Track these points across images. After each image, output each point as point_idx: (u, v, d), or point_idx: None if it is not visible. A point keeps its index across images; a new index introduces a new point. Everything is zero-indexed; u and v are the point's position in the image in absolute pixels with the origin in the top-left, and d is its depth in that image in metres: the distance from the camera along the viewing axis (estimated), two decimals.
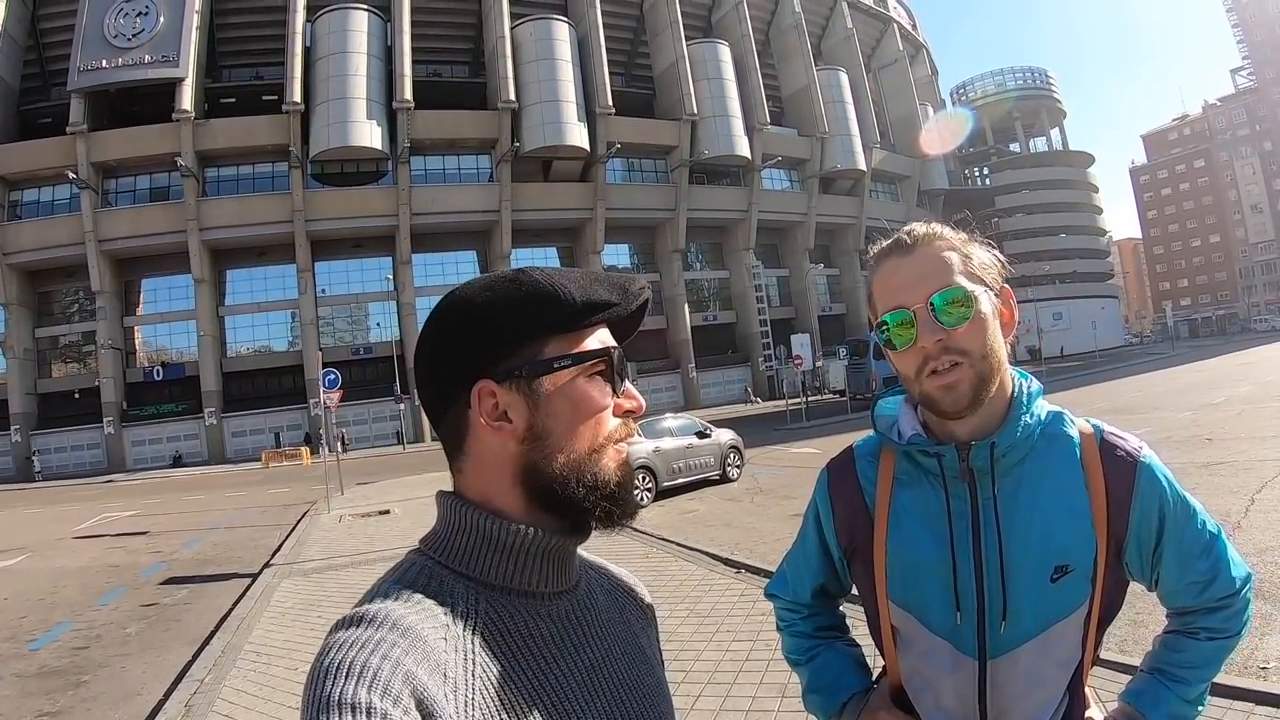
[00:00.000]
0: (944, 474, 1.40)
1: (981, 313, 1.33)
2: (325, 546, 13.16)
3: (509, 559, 0.93)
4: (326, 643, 0.79)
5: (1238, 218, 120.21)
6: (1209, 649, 1.41)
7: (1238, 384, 24.53)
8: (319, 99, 46.98)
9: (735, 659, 5.79)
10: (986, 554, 1.35)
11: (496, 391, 0.94)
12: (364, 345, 51.08)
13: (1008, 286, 1.42)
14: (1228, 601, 1.40)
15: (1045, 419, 1.41)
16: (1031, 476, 1.37)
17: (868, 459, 1.54)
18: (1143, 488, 1.35)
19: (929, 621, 1.41)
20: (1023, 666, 1.35)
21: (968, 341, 1.31)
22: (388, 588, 0.89)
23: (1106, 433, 1.41)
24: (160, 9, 45.66)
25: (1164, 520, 1.36)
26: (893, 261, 1.39)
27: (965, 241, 1.40)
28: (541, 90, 50.31)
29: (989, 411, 1.37)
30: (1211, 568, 1.39)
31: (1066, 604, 1.34)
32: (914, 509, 1.43)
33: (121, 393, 46.54)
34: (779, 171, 61.54)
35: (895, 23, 73.60)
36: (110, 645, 8.35)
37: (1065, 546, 1.33)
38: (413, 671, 0.76)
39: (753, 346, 58.19)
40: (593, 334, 0.97)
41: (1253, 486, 9.66)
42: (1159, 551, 1.37)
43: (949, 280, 1.32)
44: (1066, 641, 1.36)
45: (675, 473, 16.03)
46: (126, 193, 47.54)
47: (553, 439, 0.93)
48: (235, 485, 29.45)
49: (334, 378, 20.00)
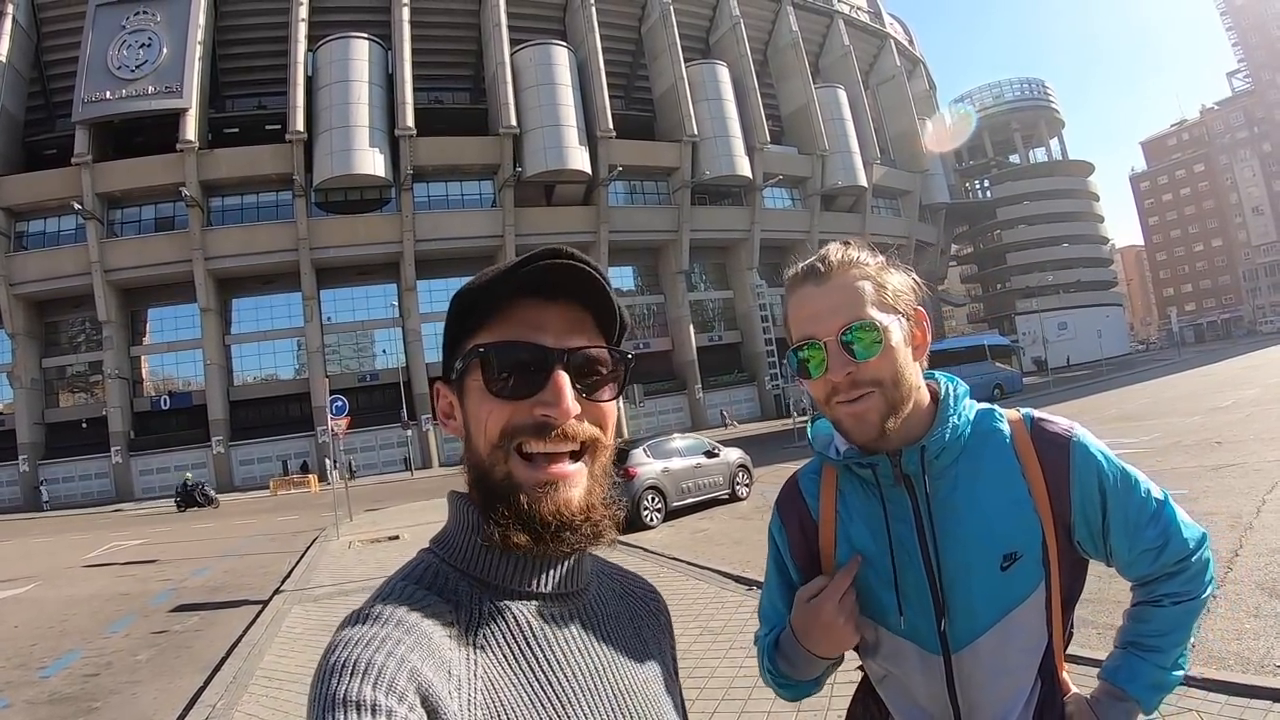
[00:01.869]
0: (879, 482, 1.43)
1: (891, 344, 1.35)
2: (335, 572, 13.15)
3: (511, 560, 0.93)
4: (334, 640, 0.79)
5: (1239, 220, 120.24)
6: (1176, 613, 1.43)
7: (1244, 387, 24.50)
8: (321, 127, 47.31)
9: (749, 674, 5.76)
10: (933, 552, 1.39)
11: (446, 391, 0.99)
12: (370, 372, 51.10)
13: (920, 309, 1.43)
14: (1184, 564, 1.42)
15: (974, 418, 1.45)
16: (966, 473, 1.40)
17: (810, 478, 1.57)
18: (1078, 465, 1.38)
19: (888, 624, 1.43)
20: (986, 657, 1.37)
21: (877, 372, 1.34)
22: (396, 585, 0.91)
23: (1036, 419, 1.45)
24: (163, 40, 46.15)
25: (1105, 494, 1.38)
26: (807, 289, 1.40)
27: (880, 268, 1.41)
28: (542, 115, 50.62)
29: (915, 418, 1.41)
30: (1161, 533, 1.40)
31: (1020, 590, 1.36)
32: (857, 518, 1.47)
33: (129, 422, 46.59)
34: (780, 190, 61.81)
35: (892, 38, 73.90)
36: (121, 672, 8.33)
37: (1010, 534, 1.35)
38: (418, 668, 0.77)
39: (759, 366, 57.87)
40: (511, 328, 0.94)
41: (1263, 488, 9.66)
42: (1106, 525, 1.39)
43: (860, 314, 1.34)
44: (1028, 627, 1.38)
45: (684, 493, 15.98)
46: (132, 223, 47.74)
47: (470, 437, 0.95)
48: (244, 513, 29.43)
49: (341, 404, 19.93)
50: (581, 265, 0.92)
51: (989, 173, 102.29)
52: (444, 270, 50.72)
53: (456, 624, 0.86)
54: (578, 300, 0.96)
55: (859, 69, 68.16)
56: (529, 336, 0.93)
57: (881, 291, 1.37)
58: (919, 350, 1.43)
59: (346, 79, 48.12)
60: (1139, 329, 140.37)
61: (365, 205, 49.86)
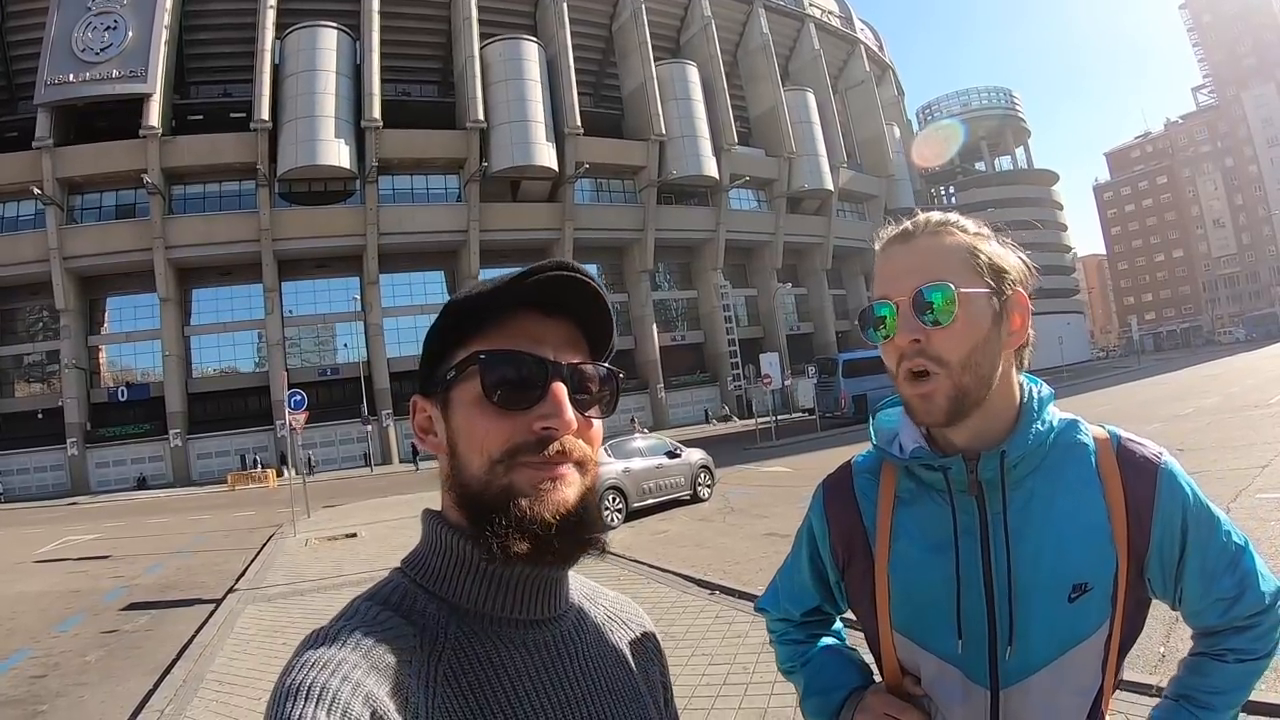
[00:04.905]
0: (950, 488, 1.29)
1: (968, 316, 1.22)
2: (291, 571, 13.03)
3: (481, 582, 0.91)
4: (291, 661, 0.77)
5: (1200, 232, 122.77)
6: (1237, 672, 1.32)
7: (1204, 396, 24.81)
8: (287, 117, 46.92)
9: (712, 682, 5.69)
10: (997, 573, 1.26)
11: (426, 405, 0.95)
12: (331, 366, 50.85)
13: (1021, 292, 1.29)
14: (1256, 620, 1.30)
15: (1058, 426, 1.31)
16: (1044, 488, 1.27)
17: (867, 476, 1.43)
18: (1164, 495, 1.26)
19: (936, 648, 1.30)
20: (1037, 695, 1.25)
21: (946, 349, 1.22)
22: (360, 606, 0.87)
23: (1124, 439, 1.32)
24: (129, 23, 45.46)
25: (1187, 532, 1.26)
26: (892, 249, 1.30)
27: (978, 236, 1.29)
28: (510, 110, 50.57)
29: (995, 420, 1.28)
30: (1238, 584, 1.28)
31: (1085, 626, 1.24)
32: (917, 529, 1.33)
33: (85, 413, 46.02)
34: (747, 192, 62.17)
35: (862, 44, 74.39)
36: (69, 674, 8.21)
37: (1083, 563, 1.23)
38: (374, 693, 0.74)
39: (721, 366, 58.51)
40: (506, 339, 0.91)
41: (1227, 495, 9.70)
42: (1182, 566, 1.27)
43: (938, 275, 1.22)
44: (1085, 668, 1.26)
45: (645, 493, 15.89)
46: (92, 209, 47.13)
47: (459, 453, 0.91)
48: (200, 508, 29.15)
49: (300, 399, 19.90)
50: (587, 281, 0.92)
51: (955, 179, 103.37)
52: (407, 264, 50.70)
53: (420, 649, 0.83)
54: (574, 316, 0.96)
55: (828, 73, 68.50)
56: (529, 349, 0.91)
57: (975, 259, 1.25)
58: (1014, 338, 1.28)
59: (314, 68, 47.75)
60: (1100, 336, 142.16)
61: (329, 197, 49.54)
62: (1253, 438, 14.51)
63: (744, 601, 7.80)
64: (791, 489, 16.55)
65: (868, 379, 35.64)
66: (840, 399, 38.70)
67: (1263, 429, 15.58)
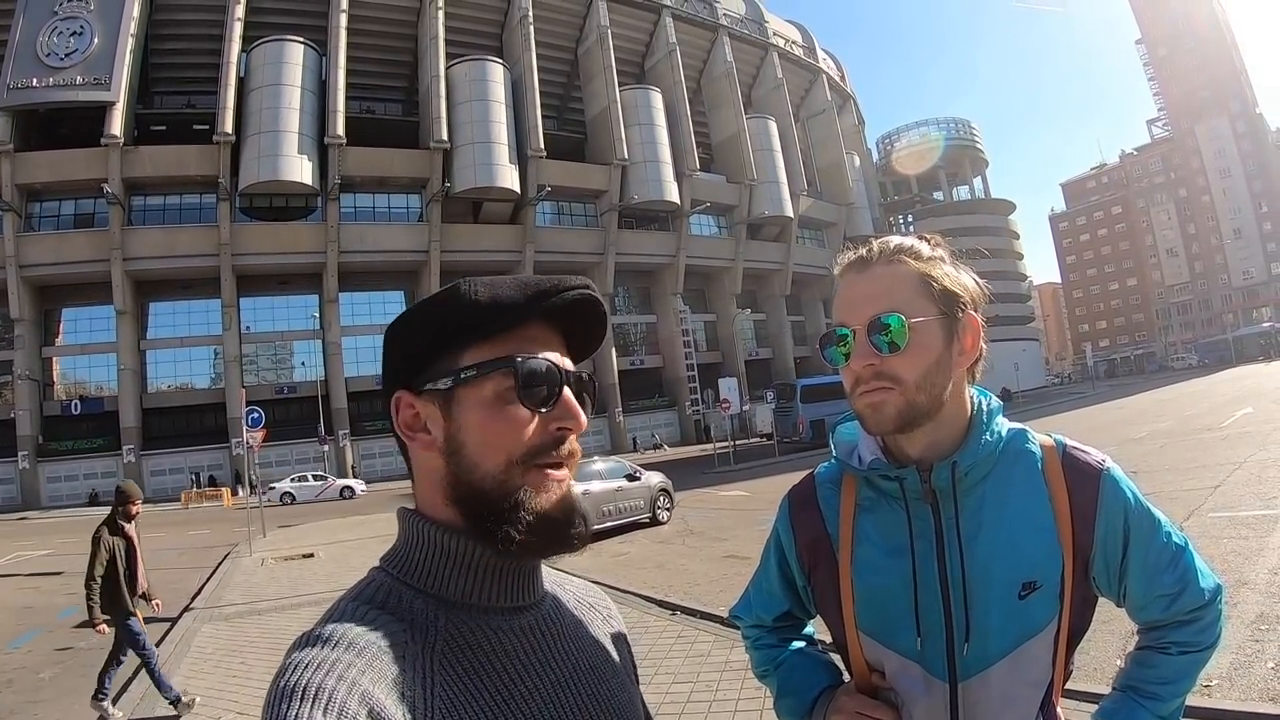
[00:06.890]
0: (905, 496, 1.36)
1: (921, 341, 1.28)
2: (247, 590, 12.91)
3: (468, 574, 0.92)
4: (284, 663, 0.78)
5: (1154, 261, 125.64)
6: (1181, 663, 1.38)
7: (1158, 420, 24.93)
8: (250, 130, 46.81)
9: (676, 701, 5.72)
10: (951, 574, 1.32)
11: (415, 403, 0.94)
12: (288, 384, 50.64)
13: (973, 315, 1.35)
14: (1198, 614, 1.37)
15: (1006, 436, 1.38)
16: (994, 493, 1.34)
17: (829, 486, 1.49)
18: (1106, 499, 1.32)
19: (898, 646, 1.36)
20: (994, 687, 1.31)
21: (902, 369, 1.27)
22: (347, 606, 0.88)
23: (1069, 446, 1.38)
24: (95, 30, 45.19)
25: (1129, 532, 1.33)
26: (849, 276, 1.36)
27: (933, 261, 1.34)
28: (474, 131, 50.81)
29: (947, 431, 1.35)
30: (1179, 580, 1.35)
31: (1036, 621, 1.30)
32: (877, 534, 1.39)
33: (38, 426, 45.39)
34: (707, 217, 62.61)
35: (824, 73, 75.53)
36: (24, 691, 8.09)
37: (1032, 561, 1.29)
38: (369, 691, 0.75)
39: (680, 390, 58.95)
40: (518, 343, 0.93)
41: (1180, 515, 9.74)
42: (1125, 564, 1.33)
43: (892, 305, 1.28)
44: (1038, 661, 1.32)
45: (604, 515, 15.78)
46: (50, 217, 46.70)
47: (467, 452, 0.91)
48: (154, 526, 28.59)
49: (257, 416, 19.76)
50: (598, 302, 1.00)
51: (913, 208, 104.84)
52: (367, 283, 50.61)
53: (411, 643, 0.85)
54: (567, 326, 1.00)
55: (790, 101, 69.40)
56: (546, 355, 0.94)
57: (927, 285, 1.30)
58: (965, 357, 1.34)
59: (279, 83, 47.80)
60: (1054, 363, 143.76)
61: (290, 213, 49.52)
62: (1205, 460, 14.75)
63: (706, 622, 7.93)
64: (750, 512, 16.79)
65: (826, 404, 35.98)
66: (798, 424, 38.78)
67: (1215, 451, 15.79)
